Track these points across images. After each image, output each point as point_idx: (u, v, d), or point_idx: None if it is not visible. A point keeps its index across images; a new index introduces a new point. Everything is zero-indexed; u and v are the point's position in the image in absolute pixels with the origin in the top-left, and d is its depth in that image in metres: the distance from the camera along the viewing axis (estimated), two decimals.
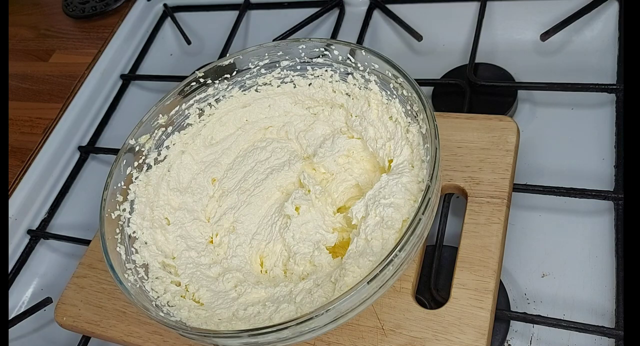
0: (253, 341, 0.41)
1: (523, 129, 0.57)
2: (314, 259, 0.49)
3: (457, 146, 0.55)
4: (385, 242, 0.46)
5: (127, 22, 0.90)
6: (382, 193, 0.48)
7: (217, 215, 0.56)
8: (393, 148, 0.51)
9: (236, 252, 0.53)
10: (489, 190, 0.52)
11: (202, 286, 0.50)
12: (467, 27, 0.73)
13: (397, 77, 0.50)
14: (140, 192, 0.55)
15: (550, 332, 0.49)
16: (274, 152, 0.58)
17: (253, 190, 0.56)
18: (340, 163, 0.55)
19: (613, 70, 0.61)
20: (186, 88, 0.57)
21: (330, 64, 0.56)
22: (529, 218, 0.56)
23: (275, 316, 0.45)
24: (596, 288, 0.51)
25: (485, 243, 0.49)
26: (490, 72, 0.67)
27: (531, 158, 0.60)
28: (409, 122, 0.51)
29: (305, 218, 0.51)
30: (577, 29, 0.67)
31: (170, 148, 0.58)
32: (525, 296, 0.52)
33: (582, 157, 0.58)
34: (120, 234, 0.50)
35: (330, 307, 0.39)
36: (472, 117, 0.57)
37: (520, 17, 0.71)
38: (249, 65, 0.58)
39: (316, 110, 0.59)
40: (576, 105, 0.62)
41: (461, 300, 0.46)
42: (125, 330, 0.55)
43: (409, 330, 0.46)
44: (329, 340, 0.48)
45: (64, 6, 1.00)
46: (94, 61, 0.86)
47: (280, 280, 0.50)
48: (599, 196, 0.53)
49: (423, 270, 0.52)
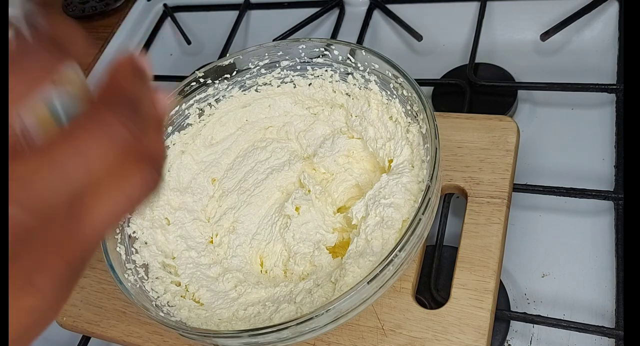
0: (253, 341, 0.41)
1: (523, 129, 0.57)
2: (314, 259, 0.49)
3: (457, 146, 0.55)
4: (385, 242, 0.46)
5: (127, 22, 0.90)
6: (382, 193, 0.48)
7: (217, 215, 0.56)
8: (393, 148, 0.51)
9: (236, 252, 0.53)
10: (489, 190, 0.52)
11: (202, 287, 0.50)
12: (467, 27, 0.73)
13: (397, 77, 0.50)
14: None
15: (550, 332, 0.49)
16: (274, 152, 0.58)
17: (253, 190, 0.56)
18: (340, 163, 0.55)
19: (613, 70, 0.61)
20: (186, 88, 0.57)
21: (330, 64, 0.56)
22: (529, 218, 0.56)
23: (275, 317, 0.45)
24: (596, 288, 0.51)
25: (485, 243, 0.49)
26: (490, 72, 0.67)
27: (531, 158, 0.60)
28: (409, 122, 0.51)
29: (305, 218, 0.51)
30: (577, 29, 0.67)
31: (170, 148, 0.58)
32: (525, 296, 0.52)
33: (582, 157, 0.58)
34: (120, 234, 0.50)
35: (330, 307, 0.39)
36: (472, 117, 0.57)
37: (520, 17, 0.71)
38: (249, 65, 0.58)
39: (316, 110, 0.59)
40: (576, 105, 0.62)
41: (461, 300, 0.46)
42: (125, 330, 0.54)
43: (409, 330, 0.46)
44: (329, 340, 0.48)
45: (64, 6, 1.00)
46: (94, 61, 0.86)
47: (280, 280, 0.50)
48: (599, 196, 0.53)
49: (423, 270, 0.52)
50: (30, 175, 0.21)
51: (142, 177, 0.24)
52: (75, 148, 0.22)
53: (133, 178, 0.23)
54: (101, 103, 0.24)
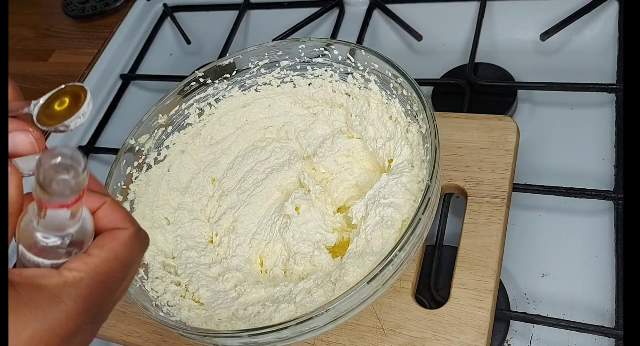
0: (253, 341, 0.41)
1: (523, 129, 0.57)
2: (314, 259, 0.49)
3: (457, 146, 0.55)
4: (385, 242, 0.46)
5: (127, 22, 0.90)
6: (382, 193, 0.48)
7: (217, 215, 0.56)
8: (393, 148, 0.51)
9: (236, 252, 0.53)
10: (489, 190, 0.52)
11: (202, 286, 0.50)
12: (467, 27, 0.72)
13: (397, 77, 0.50)
14: (141, 192, 0.55)
15: (550, 332, 0.49)
16: (274, 152, 0.58)
17: (253, 190, 0.56)
18: (340, 163, 0.55)
19: (613, 70, 0.61)
20: (186, 88, 0.57)
21: (330, 64, 0.56)
22: (529, 218, 0.56)
23: (275, 316, 0.45)
24: (596, 288, 0.51)
25: (485, 243, 0.49)
26: (490, 72, 0.67)
27: (531, 158, 0.60)
28: (409, 122, 0.51)
29: (305, 218, 0.51)
30: (577, 29, 0.67)
31: (170, 148, 0.58)
32: (525, 296, 0.52)
33: (582, 157, 0.58)
34: None
35: (331, 307, 0.39)
36: (472, 117, 0.57)
37: (520, 17, 0.71)
38: (249, 65, 0.58)
39: (316, 110, 0.59)
40: (576, 105, 0.62)
41: (461, 300, 0.46)
42: (125, 330, 0.54)
43: (409, 330, 0.46)
44: (329, 340, 0.48)
45: (64, 6, 1.00)
46: (94, 61, 0.86)
47: (280, 280, 0.50)
48: (599, 196, 0.53)
49: (423, 270, 0.52)
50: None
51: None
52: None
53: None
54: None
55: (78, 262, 0.28)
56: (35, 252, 0.28)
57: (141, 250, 0.31)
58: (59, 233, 0.28)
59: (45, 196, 0.26)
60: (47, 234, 0.28)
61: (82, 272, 0.28)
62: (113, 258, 0.29)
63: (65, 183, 0.26)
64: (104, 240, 0.30)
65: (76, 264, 0.28)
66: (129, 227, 0.30)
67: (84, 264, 0.28)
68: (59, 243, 0.28)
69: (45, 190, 0.26)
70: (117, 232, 0.30)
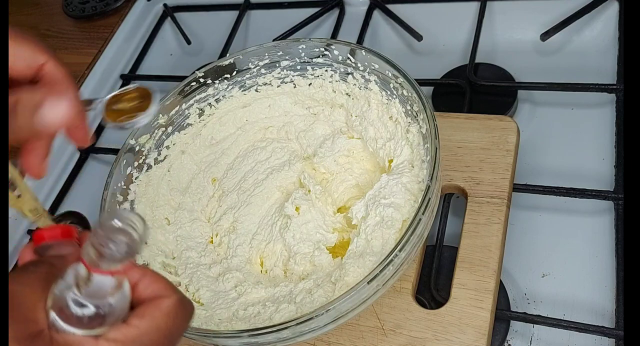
0: (253, 341, 0.41)
1: (523, 129, 0.57)
2: (314, 259, 0.49)
3: (457, 146, 0.55)
4: (385, 242, 0.46)
5: (127, 22, 0.90)
6: (382, 193, 0.48)
7: (217, 215, 0.56)
8: (393, 148, 0.51)
9: (236, 252, 0.53)
10: (489, 190, 0.52)
11: (202, 286, 0.50)
12: (467, 27, 0.72)
13: (397, 77, 0.50)
14: (141, 192, 0.55)
15: (550, 332, 0.49)
16: (274, 152, 0.58)
17: (253, 190, 0.56)
18: (340, 163, 0.55)
19: (613, 70, 0.61)
20: (186, 88, 0.57)
21: (330, 64, 0.56)
22: (529, 218, 0.56)
23: (275, 316, 0.45)
24: (596, 288, 0.51)
25: (486, 243, 0.49)
26: (490, 72, 0.67)
27: (531, 158, 0.60)
28: (409, 122, 0.51)
29: (305, 218, 0.51)
30: (577, 29, 0.67)
31: (170, 148, 0.58)
32: (525, 296, 0.52)
33: (582, 157, 0.58)
34: None
35: (331, 307, 0.39)
36: (472, 117, 0.57)
37: (520, 17, 0.71)
38: (249, 65, 0.58)
39: (316, 110, 0.59)
40: (576, 105, 0.62)
41: (461, 300, 0.46)
42: None
43: (409, 330, 0.46)
44: (329, 340, 0.48)
45: (64, 6, 1.00)
46: (94, 61, 0.86)
47: (280, 280, 0.50)
48: (599, 196, 0.53)
49: (423, 270, 0.52)
50: None
51: None
52: None
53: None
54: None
55: (116, 332, 0.27)
56: (64, 318, 0.26)
57: (185, 319, 0.30)
58: (99, 301, 0.27)
59: (97, 259, 0.25)
60: (86, 301, 0.26)
61: (118, 343, 0.26)
62: (154, 329, 0.28)
63: (121, 246, 0.25)
64: (146, 309, 0.28)
65: (114, 334, 0.27)
66: (171, 295, 0.29)
67: (122, 335, 0.27)
68: (93, 313, 0.27)
69: (99, 252, 0.25)
70: (158, 301, 0.29)
